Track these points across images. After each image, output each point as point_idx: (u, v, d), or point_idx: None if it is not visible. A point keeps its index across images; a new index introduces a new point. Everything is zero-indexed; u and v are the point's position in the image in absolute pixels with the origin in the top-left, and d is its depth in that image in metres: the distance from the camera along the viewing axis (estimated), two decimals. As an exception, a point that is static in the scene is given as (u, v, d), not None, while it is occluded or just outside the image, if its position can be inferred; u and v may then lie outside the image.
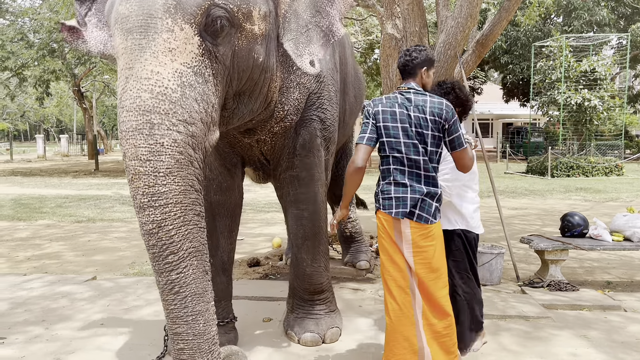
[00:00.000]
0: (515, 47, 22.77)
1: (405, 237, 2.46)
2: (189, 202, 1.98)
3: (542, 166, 16.25)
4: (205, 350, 2.05)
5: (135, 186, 1.93)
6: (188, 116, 1.99)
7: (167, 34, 1.98)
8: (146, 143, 1.91)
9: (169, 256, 1.94)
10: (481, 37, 5.67)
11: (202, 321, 2.03)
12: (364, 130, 2.55)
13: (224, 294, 3.21)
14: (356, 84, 4.10)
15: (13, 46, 15.99)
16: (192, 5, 2.03)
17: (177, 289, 1.97)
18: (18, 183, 14.70)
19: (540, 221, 8.01)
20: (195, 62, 2.04)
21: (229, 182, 3.13)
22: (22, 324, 3.59)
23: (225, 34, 2.15)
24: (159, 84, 1.95)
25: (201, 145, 2.08)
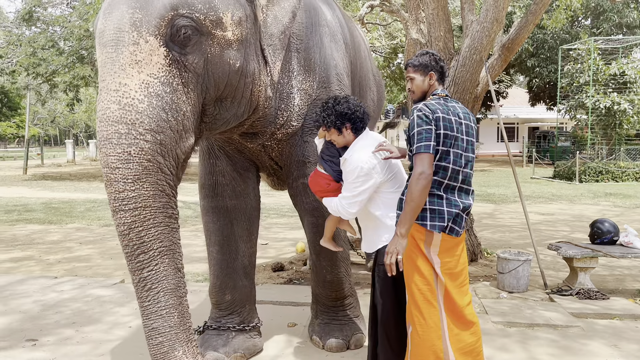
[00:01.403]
0: (542, 50, 22.43)
1: (435, 250, 2.41)
2: (159, 206, 2.08)
3: (570, 171, 15.95)
4: (184, 340, 2.13)
5: (108, 192, 2.05)
6: (155, 125, 2.07)
7: (133, 47, 2.06)
8: (115, 152, 2.02)
9: (140, 255, 2.05)
10: (507, 41, 5.60)
11: (176, 314, 2.12)
12: (427, 138, 2.38)
13: (248, 298, 3.24)
14: (374, 88, 4.07)
15: (44, 53, 16.41)
16: (155, 18, 2.09)
17: (150, 285, 2.07)
18: (49, 187, 15.06)
19: (569, 227, 7.86)
20: (162, 72, 2.11)
21: (242, 186, 3.16)
22: (53, 325, 3.67)
23: (194, 42, 2.19)
24: (126, 96, 2.04)
25: (172, 153, 2.15)
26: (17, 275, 5.03)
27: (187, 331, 2.16)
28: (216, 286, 3.17)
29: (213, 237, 3.16)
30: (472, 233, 5.53)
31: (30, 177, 18.61)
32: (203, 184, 3.19)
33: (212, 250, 3.19)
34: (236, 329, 3.14)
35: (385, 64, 18.39)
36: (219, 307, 3.19)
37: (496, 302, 4.22)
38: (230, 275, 3.14)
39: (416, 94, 2.60)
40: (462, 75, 5.22)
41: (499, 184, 14.64)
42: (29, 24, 18.89)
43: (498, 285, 4.65)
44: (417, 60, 2.58)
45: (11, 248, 6.52)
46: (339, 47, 3.10)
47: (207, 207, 3.17)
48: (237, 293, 3.15)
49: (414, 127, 2.42)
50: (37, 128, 43.76)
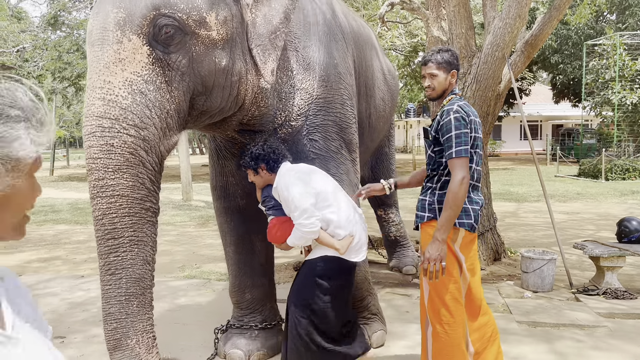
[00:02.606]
0: (566, 46, 22.05)
1: (458, 246, 2.45)
2: (136, 197, 2.11)
3: (596, 169, 15.63)
4: (140, 330, 2.11)
5: (89, 180, 2.09)
6: (139, 121, 2.11)
7: (117, 45, 2.11)
8: (98, 144, 2.07)
9: (109, 240, 2.07)
10: (530, 38, 5.52)
11: (135, 303, 2.10)
12: (465, 142, 2.38)
13: (268, 296, 3.26)
14: (384, 87, 4.02)
15: (69, 57, 16.73)
16: (138, 17, 2.13)
17: (113, 270, 2.08)
18: (74, 188, 15.36)
19: (594, 226, 7.72)
20: (145, 70, 2.14)
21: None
22: (81, 323, 3.75)
23: (177, 41, 2.21)
24: (110, 92, 2.08)
25: (155, 149, 2.19)
26: (46, 275, 5.15)
27: (144, 322, 2.13)
28: (235, 286, 3.20)
29: (228, 238, 3.20)
30: (495, 232, 5.47)
31: (57, 178, 19.03)
32: (215, 186, 3.23)
33: (228, 251, 3.22)
34: (258, 328, 3.16)
35: (405, 63, 18.29)
36: (239, 306, 3.22)
37: (520, 302, 4.17)
38: (248, 274, 3.16)
39: (436, 92, 2.58)
40: (484, 73, 5.16)
41: (522, 183, 14.44)
42: (54, 28, 19.29)
43: (522, 285, 4.58)
44: (441, 57, 2.54)
45: (39, 248, 6.67)
46: (338, 46, 3.08)
47: (220, 208, 3.21)
48: (256, 291, 3.18)
49: (452, 129, 2.39)
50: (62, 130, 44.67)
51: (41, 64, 21.19)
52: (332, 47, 3.01)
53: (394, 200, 5.08)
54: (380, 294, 4.39)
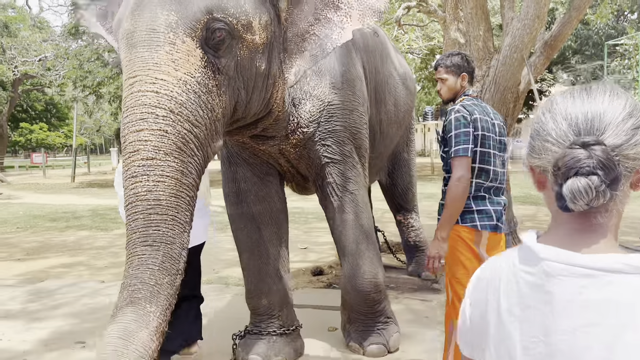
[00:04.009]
0: (587, 47, 21.76)
1: (484, 248, 2.43)
2: (185, 182, 1.99)
3: (619, 171, 15.37)
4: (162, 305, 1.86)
5: (130, 161, 1.94)
6: (194, 118, 2.06)
7: (170, 47, 2.05)
8: (149, 128, 1.96)
9: (152, 215, 1.89)
10: (550, 39, 5.45)
11: (167, 280, 1.89)
12: (464, 141, 2.40)
13: (284, 301, 3.25)
14: (396, 92, 3.99)
15: (90, 66, 17.03)
16: (191, 20, 2.10)
17: (151, 242, 1.88)
18: (95, 194, 15.57)
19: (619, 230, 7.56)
20: (198, 73, 2.10)
21: (264, 191, 3.19)
22: (102, 328, 3.77)
23: (226, 46, 2.20)
24: (164, 87, 2.01)
25: (204, 148, 2.12)
26: (68, 280, 5.22)
27: (168, 302, 1.89)
28: (251, 292, 3.21)
29: (242, 244, 3.21)
30: (516, 236, 5.39)
31: (78, 185, 19.31)
32: (227, 193, 3.24)
33: (243, 257, 3.23)
34: (276, 333, 3.16)
35: (422, 66, 18.21)
36: (256, 312, 3.22)
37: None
38: (264, 279, 3.17)
39: (447, 95, 2.64)
40: (502, 75, 5.10)
41: (543, 186, 14.22)
42: (75, 38, 19.66)
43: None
44: (450, 61, 2.59)
45: (61, 254, 6.77)
46: (348, 53, 3.09)
47: (234, 215, 3.22)
48: (272, 297, 3.18)
49: (452, 129, 2.43)
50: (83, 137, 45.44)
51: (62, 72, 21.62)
52: (342, 53, 3.02)
53: (414, 205, 5.05)
54: (398, 298, 4.36)
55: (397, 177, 4.86)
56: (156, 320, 1.83)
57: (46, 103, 39.80)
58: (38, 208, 11.82)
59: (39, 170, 28.40)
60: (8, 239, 7.99)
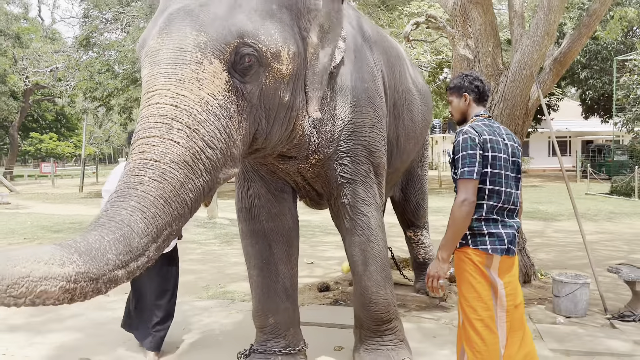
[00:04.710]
0: (595, 62, 21.66)
1: (495, 272, 2.39)
2: (181, 196, 1.86)
3: (628, 187, 15.19)
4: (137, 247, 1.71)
5: (133, 159, 1.87)
6: (209, 139, 1.99)
7: (196, 66, 2.02)
8: (161, 136, 1.89)
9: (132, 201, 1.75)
10: (559, 55, 5.42)
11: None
12: (471, 163, 2.37)
13: (291, 321, 3.22)
14: (414, 107, 3.99)
15: (100, 77, 17.16)
16: (221, 42, 2.08)
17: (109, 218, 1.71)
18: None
19: (628, 247, 7.47)
20: (221, 96, 2.06)
21: (277, 208, 3.16)
22: (106, 344, 3.76)
23: (253, 72, 2.17)
24: (184, 103, 1.97)
25: (214, 172, 2.03)
26: (72, 293, 5.19)
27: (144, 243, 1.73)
28: (258, 310, 3.17)
29: (252, 261, 3.17)
30: (524, 253, 5.32)
31: (86, 195, 19.39)
32: (240, 208, 3.21)
33: (252, 274, 3.20)
34: (282, 353, 3.12)
35: (430, 79, 18.21)
36: (263, 330, 3.18)
37: (553, 328, 4.03)
38: (272, 298, 3.13)
39: (456, 117, 2.66)
40: (511, 91, 5.08)
41: (550, 200, 14.11)
42: (86, 49, 19.85)
43: (554, 310, 4.44)
44: (452, 83, 2.65)
45: (67, 265, 6.75)
46: (369, 69, 3.08)
47: (245, 231, 3.19)
48: (280, 316, 3.14)
49: (459, 150, 2.42)
50: (92, 147, 45.75)
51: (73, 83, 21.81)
52: (363, 70, 3.00)
53: (425, 221, 5.01)
54: (406, 316, 4.30)
55: (410, 192, 4.84)
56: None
57: (56, 113, 40.19)
58: (45, 218, 11.85)
59: (48, 180, 28.55)
60: (15, 250, 7.98)
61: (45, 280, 1.42)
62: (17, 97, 30.68)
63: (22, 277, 1.39)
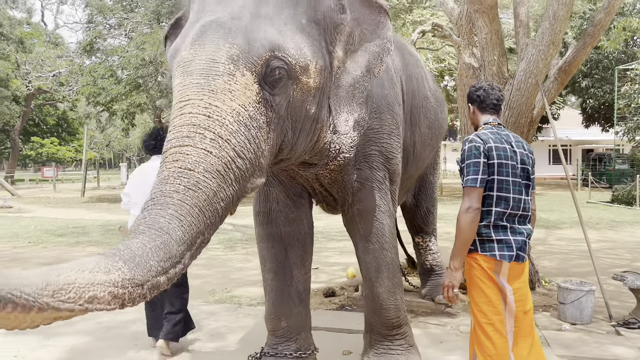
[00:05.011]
0: (597, 70, 21.78)
1: (504, 278, 2.42)
2: (214, 204, 1.88)
3: (629, 195, 15.24)
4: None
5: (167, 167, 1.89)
6: (239, 149, 2.03)
7: (228, 77, 2.06)
8: (194, 145, 1.92)
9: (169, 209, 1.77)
10: (564, 64, 5.48)
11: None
12: (474, 171, 2.42)
13: (303, 325, 3.25)
14: (428, 114, 4.03)
15: (104, 82, 17.26)
16: (253, 55, 2.13)
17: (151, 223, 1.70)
18: (105, 209, 15.65)
19: (631, 255, 7.50)
20: (252, 107, 2.11)
21: (295, 213, 3.19)
22: (115, 347, 3.79)
23: (282, 84, 2.22)
24: (217, 113, 2.01)
25: (243, 182, 2.07)
26: (80, 296, 5.21)
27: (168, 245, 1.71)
28: (272, 313, 3.20)
29: (268, 264, 3.20)
30: (529, 261, 5.35)
31: (87, 200, 19.43)
32: (258, 212, 3.24)
33: (267, 277, 3.22)
34: (293, 356, 3.15)
35: (432, 87, 18.29)
36: (275, 333, 3.21)
37: (559, 334, 4.06)
38: (286, 302, 3.16)
39: (472, 126, 2.74)
40: (517, 99, 5.13)
41: (552, 209, 14.14)
42: (90, 55, 19.96)
43: (559, 317, 4.47)
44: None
45: (72, 269, 6.77)
46: (389, 76, 3.13)
47: (262, 234, 3.22)
48: (292, 320, 3.17)
49: (465, 159, 2.48)
50: (93, 152, 45.84)
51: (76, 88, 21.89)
52: (383, 77, 3.04)
53: (434, 228, 5.05)
54: (413, 322, 4.32)
55: (421, 198, 4.89)
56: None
57: (58, 118, 40.30)
58: (49, 222, 11.89)
59: (49, 184, 28.61)
60: (20, 253, 8.03)
61: (92, 286, 1.44)
62: (19, 101, 30.78)
63: (68, 283, 1.40)
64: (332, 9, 2.48)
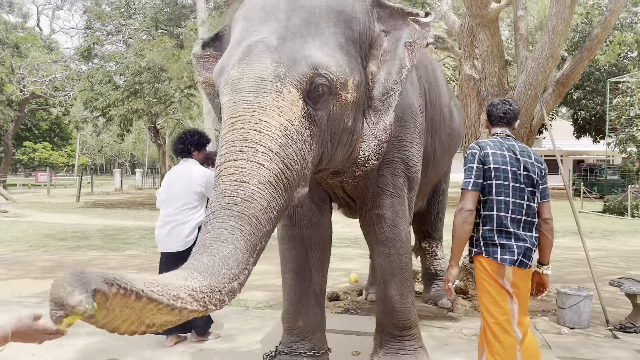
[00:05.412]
0: (588, 83, 22.12)
1: (509, 281, 2.56)
2: (268, 213, 2.04)
3: (621, 205, 15.51)
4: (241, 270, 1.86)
5: (224, 180, 2.04)
6: (288, 161, 2.20)
7: (276, 94, 2.24)
8: (247, 159, 2.09)
9: (231, 221, 1.93)
10: (562, 77, 5.68)
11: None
12: (468, 175, 2.61)
13: (318, 325, 3.35)
14: (449, 122, 4.19)
15: (101, 88, 17.30)
16: (299, 73, 2.30)
17: (223, 239, 1.88)
18: (101, 214, 15.66)
19: (625, 264, 7.68)
20: (297, 122, 2.27)
21: (318, 217, 3.32)
22: (132, 346, 3.87)
23: (324, 99, 2.39)
24: (267, 129, 2.17)
25: (292, 192, 2.24)
26: (89, 299, 5.28)
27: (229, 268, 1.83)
28: (289, 312, 3.30)
29: (289, 265, 3.31)
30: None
31: (83, 205, 19.40)
32: None
33: (287, 277, 3.33)
34: (307, 355, 3.25)
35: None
36: (291, 332, 3.31)
37: (558, 338, 4.20)
38: (304, 302, 3.27)
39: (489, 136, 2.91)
40: (517, 110, 5.30)
41: (546, 218, 14.34)
42: (87, 60, 20.01)
43: (558, 321, 4.61)
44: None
45: (76, 272, 6.83)
46: (414, 87, 3.27)
47: (285, 236, 3.33)
48: (309, 320, 3.28)
49: (465, 164, 2.69)
50: (85, 157, 45.64)
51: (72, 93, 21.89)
52: (407, 87, 3.17)
53: (440, 234, 5.18)
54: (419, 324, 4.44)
55: (432, 204, 5.01)
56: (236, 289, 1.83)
57: (51, 122, 40.13)
58: (47, 227, 11.90)
59: (42, 189, 28.48)
60: (22, 257, 8.06)
61: (175, 287, 1.58)
62: (13, 106, 30.67)
63: (153, 280, 1.55)
64: (367, 27, 2.67)
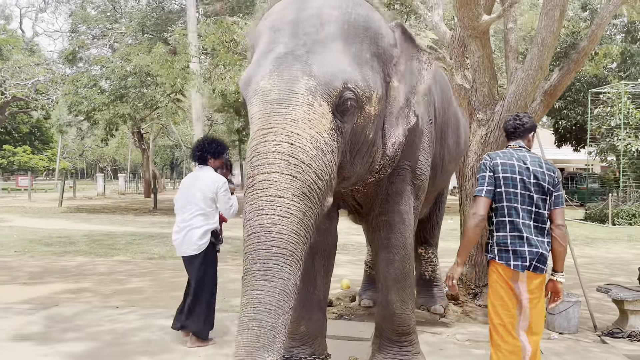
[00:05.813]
0: (570, 93, 22.53)
1: (523, 286, 2.64)
2: (305, 223, 2.18)
3: (602, 213, 15.84)
4: (277, 349, 2.01)
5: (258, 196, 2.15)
6: (319, 172, 2.28)
7: (307, 107, 2.31)
8: (280, 172, 2.17)
9: (273, 248, 2.07)
10: (549, 88, 5.81)
11: (282, 318, 2.05)
12: (481, 183, 2.74)
13: (320, 331, 3.40)
14: (456, 131, 4.29)
15: (86, 92, 17.11)
16: (330, 87, 2.37)
17: (270, 277, 2.05)
18: (85, 219, 15.47)
19: (609, 270, 7.85)
20: (327, 134, 2.36)
21: (327, 224, 3.36)
22: (129, 352, 3.86)
23: (350, 113, 2.48)
24: (299, 141, 2.25)
25: (322, 201, 2.33)
26: (82, 306, 5.25)
27: (281, 342, 2.05)
28: (293, 317, 3.31)
29: None
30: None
31: (65, 210, 19.13)
32: None
33: None
34: (307, 360, 3.29)
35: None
36: (292, 337, 3.34)
37: (549, 343, 4.29)
38: (307, 308, 3.31)
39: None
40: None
41: (529, 225, 14.57)
42: (72, 64, 19.80)
43: (548, 326, 4.70)
44: None
45: (64, 279, 6.77)
46: (427, 95, 3.33)
47: None
48: (311, 325, 3.32)
49: (478, 173, 2.82)
50: (66, 161, 44.99)
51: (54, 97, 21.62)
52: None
53: (436, 241, 5.26)
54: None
55: (433, 212, 5.10)
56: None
57: (32, 126, 39.53)
58: (31, 232, 11.72)
59: (22, 193, 28.03)
60: (8, 262, 7.94)
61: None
62: (-6, 109, 30.16)
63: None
64: (390, 44, 2.77)
